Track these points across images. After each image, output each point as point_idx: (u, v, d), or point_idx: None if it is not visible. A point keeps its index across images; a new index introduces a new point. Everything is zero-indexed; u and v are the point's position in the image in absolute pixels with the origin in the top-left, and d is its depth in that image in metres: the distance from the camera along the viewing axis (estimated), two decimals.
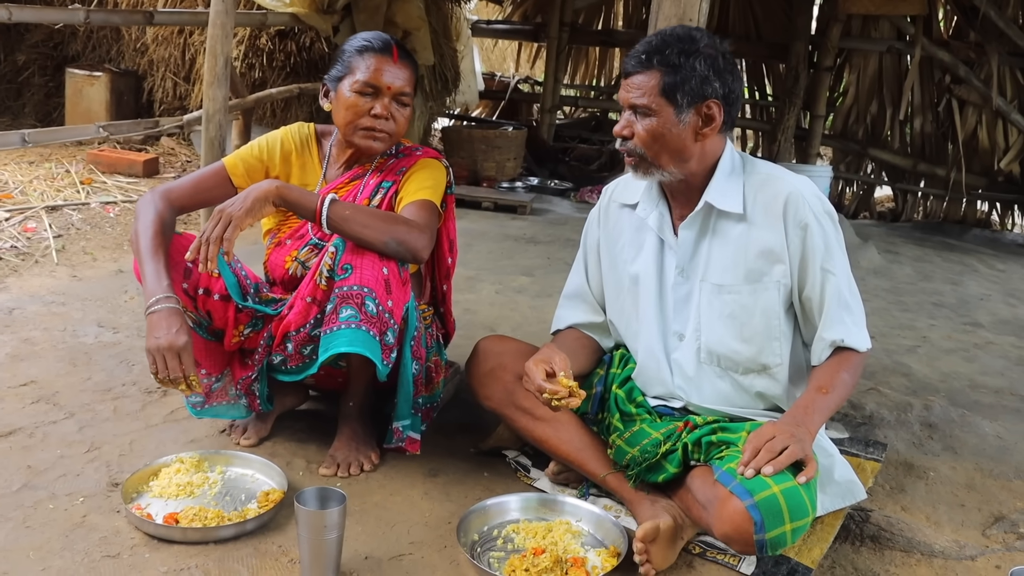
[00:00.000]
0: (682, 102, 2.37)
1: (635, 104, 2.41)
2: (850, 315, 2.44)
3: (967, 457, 3.21)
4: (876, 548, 2.58)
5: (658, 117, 2.38)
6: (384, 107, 2.77)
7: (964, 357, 4.46)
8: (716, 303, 2.49)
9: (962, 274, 6.57)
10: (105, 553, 2.27)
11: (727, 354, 2.51)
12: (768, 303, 2.45)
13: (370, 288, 2.52)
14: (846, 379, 2.41)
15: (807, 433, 2.28)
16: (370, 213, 2.62)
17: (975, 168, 8.56)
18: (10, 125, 7.83)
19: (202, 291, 2.67)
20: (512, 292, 4.90)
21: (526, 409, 2.67)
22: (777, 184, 2.44)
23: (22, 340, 3.60)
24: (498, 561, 2.35)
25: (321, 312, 2.58)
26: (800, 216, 2.39)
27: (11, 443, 2.79)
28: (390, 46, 2.79)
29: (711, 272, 2.49)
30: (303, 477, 2.72)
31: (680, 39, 2.39)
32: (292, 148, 2.94)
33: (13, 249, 4.75)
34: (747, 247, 2.45)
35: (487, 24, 10.89)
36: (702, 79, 2.36)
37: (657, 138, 2.40)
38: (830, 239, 2.42)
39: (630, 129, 2.44)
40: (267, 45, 7.26)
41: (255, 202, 2.53)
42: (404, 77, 2.80)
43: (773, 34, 9.22)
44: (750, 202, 2.45)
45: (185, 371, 2.45)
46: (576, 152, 10.50)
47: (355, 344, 2.50)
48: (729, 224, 2.48)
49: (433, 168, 2.88)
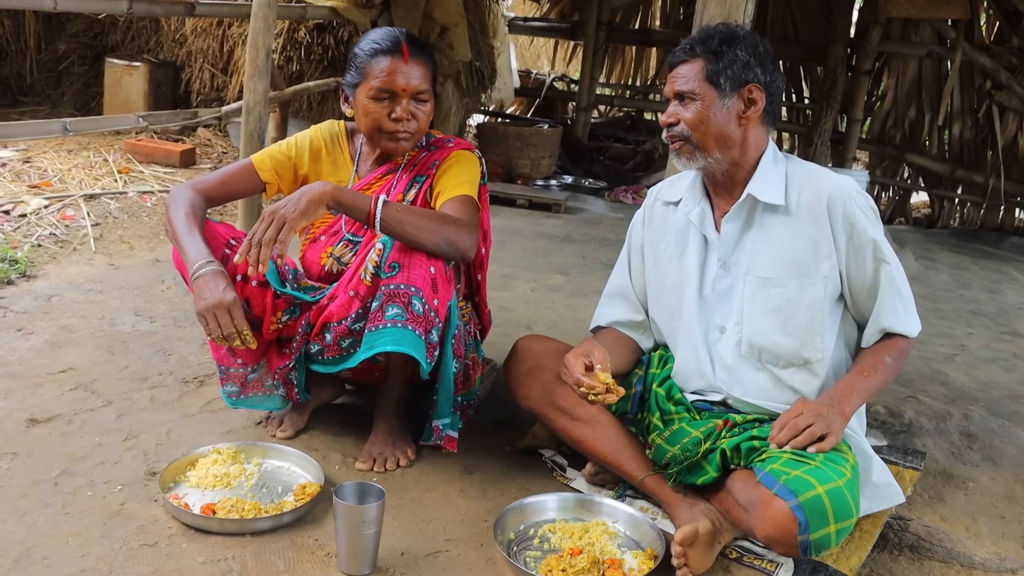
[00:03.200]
0: (725, 86, 2.45)
1: (680, 91, 2.49)
2: (902, 302, 2.48)
3: (1007, 468, 3.17)
4: (915, 558, 2.55)
5: (703, 101, 2.45)
6: (403, 110, 2.75)
7: (1003, 367, 4.41)
8: (760, 296, 2.50)
9: (1000, 282, 6.50)
10: (143, 542, 2.28)
11: (769, 347, 2.51)
12: (814, 298, 2.47)
13: (417, 288, 2.52)
14: (889, 363, 2.46)
15: (839, 414, 2.33)
16: (421, 214, 2.61)
17: (1014, 175, 8.44)
18: (49, 114, 7.87)
19: (240, 277, 2.67)
20: (547, 290, 4.89)
21: (564, 409, 2.66)
22: (820, 182, 2.48)
23: (60, 327, 3.63)
24: (535, 560, 2.34)
25: (363, 307, 2.58)
26: (848, 213, 2.42)
27: (50, 429, 2.81)
28: (400, 45, 2.75)
29: (756, 265, 2.51)
30: (339, 471, 2.72)
31: (721, 32, 2.50)
32: (322, 146, 2.95)
33: (52, 236, 4.78)
34: (792, 241, 2.47)
35: (524, 21, 10.86)
36: (744, 64, 2.45)
37: (703, 120, 2.46)
38: (878, 231, 2.46)
39: (676, 116, 2.50)
40: (305, 38, 7.26)
41: (309, 204, 2.51)
42: (419, 75, 2.76)
43: (812, 36, 9.14)
44: (793, 197, 2.49)
45: (238, 326, 2.47)
46: (611, 151, 10.46)
47: (401, 343, 2.51)
48: (773, 217, 2.51)
49: (467, 161, 2.87)
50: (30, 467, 2.58)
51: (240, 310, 2.48)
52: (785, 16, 9.22)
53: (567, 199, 7.50)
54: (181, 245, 2.58)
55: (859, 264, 2.45)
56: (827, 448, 2.23)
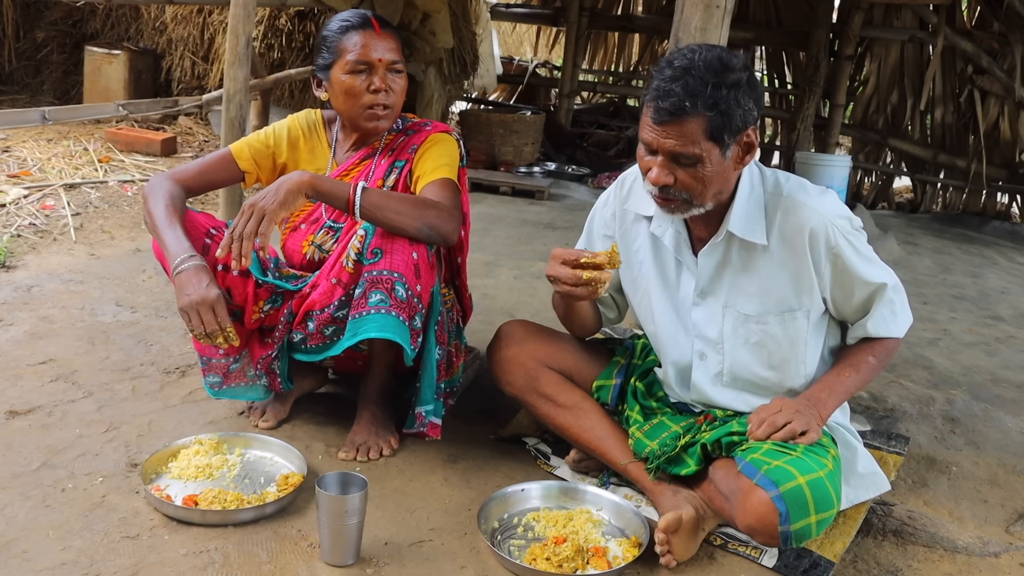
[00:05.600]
0: (728, 140, 2.20)
1: (679, 153, 2.20)
2: (892, 311, 2.44)
3: (990, 452, 3.18)
4: (898, 543, 2.56)
5: (706, 161, 2.20)
6: (381, 80, 2.75)
7: (985, 351, 4.43)
8: (741, 331, 2.45)
9: (982, 267, 6.52)
10: (124, 534, 2.26)
11: (751, 379, 2.49)
12: (797, 331, 2.42)
13: (400, 273, 2.51)
14: (872, 363, 2.44)
15: (816, 415, 2.30)
16: (400, 199, 2.60)
17: (996, 160, 8.48)
18: (28, 103, 7.82)
19: (221, 267, 2.65)
20: (530, 278, 4.88)
21: (548, 396, 2.66)
22: (801, 213, 2.32)
23: (41, 318, 3.60)
24: (519, 549, 2.34)
25: (346, 294, 2.57)
26: (831, 243, 2.31)
27: (30, 421, 2.78)
28: (369, 20, 2.78)
29: (736, 300, 2.43)
30: (322, 461, 2.71)
31: (713, 70, 2.17)
32: (300, 134, 2.94)
33: (32, 226, 4.74)
34: (772, 276, 2.38)
35: (506, 8, 10.83)
36: (744, 112, 2.20)
37: (705, 180, 2.23)
38: (864, 252, 2.37)
39: (671, 177, 2.24)
40: (286, 26, 7.23)
41: (288, 194, 2.50)
42: (392, 47, 2.78)
43: (794, 22, 9.13)
44: (773, 229, 2.35)
45: (221, 323, 2.45)
46: (594, 138, 10.46)
47: (385, 330, 2.50)
48: (752, 252, 2.39)
49: (445, 143, 2.85)
50: (10, 459, 2.56)
51: (224, 307, 2.46)
52: (767, 1, 9.21)
53: (550, 186, 7.49)
54: (161, 237, 2.56)
55: (845, 290, 2.39)
56: (806, 443, 2.22)
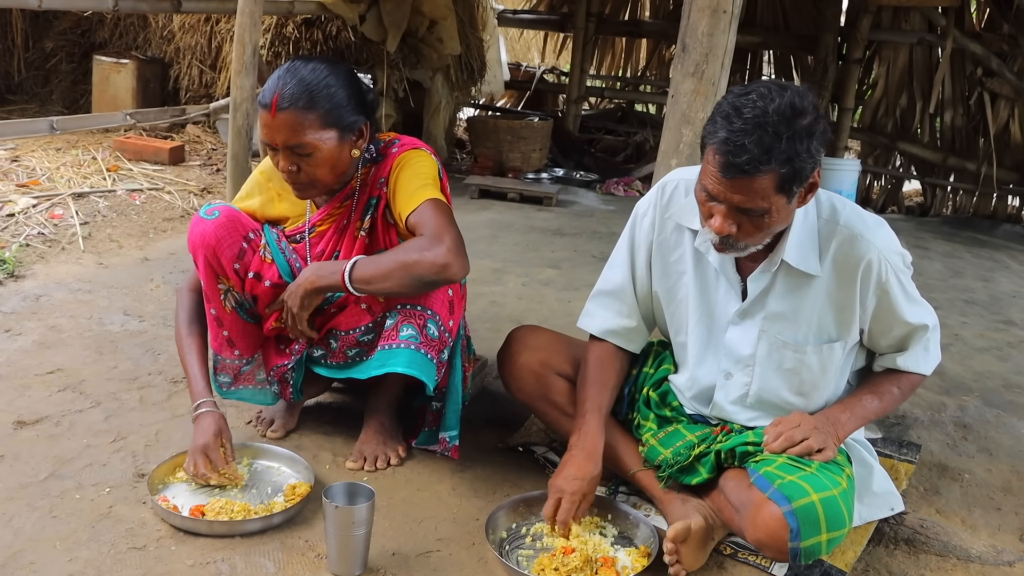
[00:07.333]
0: (796, 190, 2.12)
1: (747, 208, 2.10)
2: (926, 351, 2.42)
3: (1003, 459, 3.16)
4: (911, 552, 2.53)
5: (774, 211, 2.12)
6: (284, 161, 2.51)
7: (997, 356, 4.39)
8: (775, 356, 2.39)
9: (993, 271, 6.48)
10: (131, 545, 2.26)
11: (777, 403, 2.44)
12: (832, 361, 2.39)
13: (434, 311, 2.54)
14: (896, 394, 2.43)
15: (834, 434, 2.29)
16: (389, 262, 2.45)
17: (1007, 162, 8.43)
18: (37, 112, 7.83)
19: (252, 275, 2.64)
20: (539, 285, 4.86)
21: (558, 404, 2.64)
22: (858, 245, 2.26)
23: (49, 327, 3.60)
24: (527, 559, 2.33)
25: (374, 321, 2.57)
26: (881, 279, 2.28)
27: (38, 431, 2.78)
28: (270, 100, 2.45)
29: (776, 326, 2.37)
30: (329, 471, 2.70)
31: (786, 120, 2.04)
32: (273, 175, 2.77)
33: (40, 236, 4.74)
34: (818, 306, 2.33)
35: (513, 14, 10.82)
36: (815, 160, 2.10)
37: (769, 228, 2.17)
38: (910, 291, 2.36)
39: (735, 227, 2.15)
40: (293, 34, 7.22)
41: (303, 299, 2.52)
42: (289, 129, 2.45)
43: (801, 25, 9.11)
44: (825, 258, 2.29)
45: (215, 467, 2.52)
46: (602, 143, 10.43)
47: (412, 367, 2.51)
48: (800, 279, 2.32)
49: (414, 161, 2.64)
50: (17, 470, 2.56)
51: (217, 454, 2.53)
52: (775, 5, 9.18)
53: (558, 192, 7.47)
54: (183, 364, 2.68)
55: (883, 326, 2.36)
56: (821, 460, 2.21)
